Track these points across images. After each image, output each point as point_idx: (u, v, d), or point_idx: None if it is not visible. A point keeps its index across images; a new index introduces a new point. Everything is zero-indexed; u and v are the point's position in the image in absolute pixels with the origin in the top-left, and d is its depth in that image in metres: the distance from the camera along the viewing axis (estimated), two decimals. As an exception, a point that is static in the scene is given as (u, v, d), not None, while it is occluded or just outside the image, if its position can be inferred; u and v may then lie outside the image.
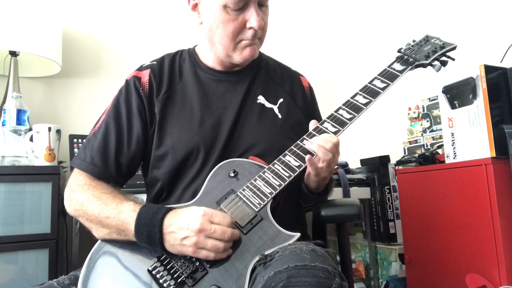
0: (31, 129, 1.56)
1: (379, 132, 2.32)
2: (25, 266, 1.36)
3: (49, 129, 1.54)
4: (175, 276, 0.76)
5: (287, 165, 0.88)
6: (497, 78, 1.35)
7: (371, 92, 0.98)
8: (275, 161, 0.90)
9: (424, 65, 1.05)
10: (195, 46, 1.11)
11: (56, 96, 1.96)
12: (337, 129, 0.92)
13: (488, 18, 1.73)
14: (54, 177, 1.42)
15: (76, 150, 1.73)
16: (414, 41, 1.12)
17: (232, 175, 0.90)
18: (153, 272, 0.77)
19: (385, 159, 1.94)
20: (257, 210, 0.82)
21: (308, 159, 0.85)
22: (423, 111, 1.94)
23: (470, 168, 1.35)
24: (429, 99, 1.91)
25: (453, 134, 1.45)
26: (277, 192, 0.84)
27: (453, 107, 1.45)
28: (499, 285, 1.23)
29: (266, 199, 0.83)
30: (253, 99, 1.03)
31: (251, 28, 0.94)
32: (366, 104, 0.96)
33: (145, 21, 2.19)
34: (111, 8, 2.13)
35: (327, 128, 0.93)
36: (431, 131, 1.90)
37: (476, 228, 1.32)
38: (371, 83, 1.00)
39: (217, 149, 0.95)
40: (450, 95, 1.46)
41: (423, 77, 1.82)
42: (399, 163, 1.82)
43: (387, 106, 2.17)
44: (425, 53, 1.05)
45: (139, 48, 2.15)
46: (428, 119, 1.91)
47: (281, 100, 1.06)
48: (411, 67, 1.03)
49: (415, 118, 2.00)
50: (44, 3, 1.95)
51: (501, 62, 1.51)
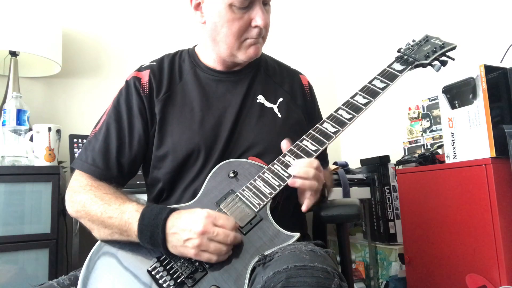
0: (31, 129, 1.56)
1: (379, 132, 2.32)
2: (25, 266, 1.36)
3: (49, 129, 1.54)
4: (174, 276, 0.76)
5: (287, 166, 0.87)
6: (497, 78, 1.35)
7: (370, 92, 0.97)
8: (275, 161, 0.90)
9: (424, 65, 1.05)
10: (195, 46, 1.10)
11: (56, 96, 1.96)
12: (337, 129, 0.92)
13: (488, 18, 1.73)
14: (54, 177, 1.42)
15: (76, 150, 1.73)
16: (413, 41, 1.11)
17: (231, 175, 0.90)
18: (153, 272, 0.77)
19: (385, 159, 1.94)
20: (256, 210, 0.82)
21: (290, 182, 0.84)
22: (423, 111, 1.94)
23: (470, 168, 1.35)
24: (429, 99, 1.91)
25: (453, 134, 1.44)
26: (276, 192, 0.84)
27: (453, 107, 1.45)
28: (499, 285, 1.23)
29: (265, 200, 0.83)
30: (253, 98, 1.03)
31: (256, 26, 0.94)
32: (365, 104, 0.95)
33: (145, 21, 2.19)
34: (111, 8, 2.13)
35: (326, 128, 0.93)
36: (431, 131, 1.90)
37: (476, 228, 1.32)
38: (370, 83, 1.00)
39: (217, 150, 0.95)
40: (450, 95, 1.46)
41: (423, 77, 1.82)
42: (399, 163, 1.82)
43: (387, 106, 2.17)
44: (425, 53, 1.05)
45: (139, 48, 2.15)
46: (428, 119, 1.91)
47: (280, 99, 1.06)
48: (410, 67, 1.02)
49: (415, 118, 2.00)
50: (44, 3, 1.95)
51: (501, 62, 1.51)
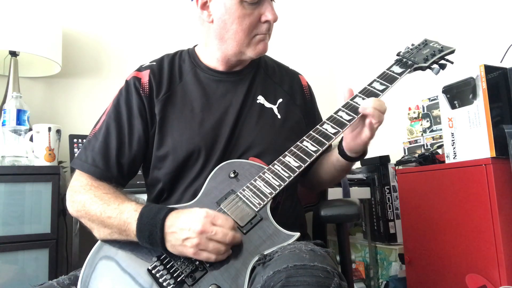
0: (31, 129, 1.56)
1: (379, 132, 2.31)
2: (25, 266, 1.36)
3: (49, 129, 1.53)
4: (174, 275, 0.76)
5: (287, 166, 0.88)
6: (497, 78, 1.36)
7: (370, 94, 0.97)
8: (275, 161, 0.90)
9: (423, 68, 1.05)
10: (195, 46, 1.10)
11: (56, 96, 1.96)
12: (337, 130, 0.92)
13: (488, 18, 1.73)
14: (54, 177, 1.42)
15: (76, 150, 1.73)
16: (413, 44, 1.11)
17: (232, 175, 0.90)
18: (153, 271, 0.77)
19: (385, 159, 1.94)
20: (257, 210, 0.82)
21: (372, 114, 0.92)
22: (423, 111, 1.94)
23: (470, 168, 1.35)
24: (429, 99, 1.91)
25: (453, 134, 1.45)
26: (277, 192, 0.84)
27: (453, 107, 1.45)
28: (499, 285, 1.23)
29: (266, 199, 0.83)
30: (253, 99, 1.03)
31: (266, 21, 0.96)
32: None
33: (145, 21, 2.19)
34: (111, 8, 2.13)
35: (326, 129, 0.93)
36: (431, 131, 1.90)
37: (476, 228, 1.32)
38: (370, 85, 0.99)
39: (217, 150, 0.95)
40: (450, 95, 1.46)
41: (423, 77, 1.82)
42: (399, 163, 1.82)
43: (387, 106, 2.16)
44: (424, 56, 1.05)
45: (139, 48, 2.15)
46: (428, 119, 1.91)
47: (280, 100, 1.06)
48: (410, 69, 1.02)
49: (415, 118, 2.00)
50: (44, 3, 1.96)
51: (501, 62, 1.51)
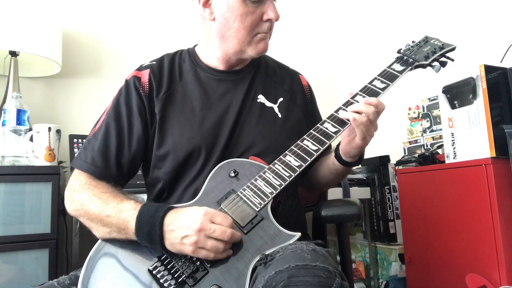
0: (31, 129, 1.56)
1: (379, 132, 2.30)
2: (25, 266, 1.36)
3: (49, 129, 1.53)
4: (175, 275, 0.76)
5: (288, 165, 0.87)
6: (497, 78, 1.35)
7: (370, 92, 0.97)
8: (276, 161, 0.90)
9: (423, 66, 1.04)
10: (195, 46, 1.10)
11: (56, 96, 1.96)
12: (337, 129, 0.92)
13: (488, 18, 1.73)
14: (54, 177, 1.42)
15: (76, 150, 1.73)
16: (413, 42, 1.11)
17: (232, 175, 0.90)
18: (154, 272, 0.77)
19: (385, 159, 1.94)
20: (257, 210, 0.82)
21: (352, 119, 0.87)
22: (423, 111, 1.94)
23: (470, 168, 1.35)
24: (429, 99, 1.91)
25: (453, 134, 1.44)
26: (277, 192, 0.84)
27: (453, 107, 1.45)
28: (499, 285, 1.23)
29: (266, 199, 0.83)
30: (253, 98, 1.03)
31: (268, 20, 0.97)
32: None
33: (145, 21, 2.19)
34: (111, 8, 2.13)
35: (327, 128, 0.92)
36: (431, 131, 1.89)
37: (476, 228, 1.32)
38: (371, 83, 0.99)
39: (218, 149, 0.95)
40: (450, 95, 1.46)
41: (423, 77, 1.82)
42: (399, 163, 1.82)
43: (387, 106, 2.15)
44: (425, 54, 1.05)
45: (139, 48, 2.15)
46: (428, 119, 1.91)
47: (281, 99, 1.06)
48: (410, 67, 1.02)
49: (415, 118, 1.99)
50: (44, 3, 1.96)
51: (501, 62, 1.51)
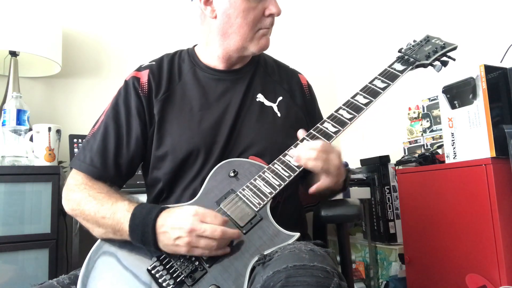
0: (31, 129, 1.55)
1: (379, 132, 2.32)
2: (25, 266, 1.36)
3: (49, 129, 1.53)
4: (174, 275, 0.76)
5: (287, 165, 0.88)
6: (497, 78, 1.35)
7: (371, 92, 0.97)
8: (275, 161, 0.90)
9: (424, 65, 1.04)
10: (195, 46, 1.10)
11: (56, 96, 1.96)
12: (337, 129, 0.92)
13: (488, 18, 1.73)
14: (54, 177, 1.41)
15: (76, 150, 1.73)
16: (414, 41, 1.11)
17: (232, 175, 0.90)
18: (153, 271, 0.77)
19: (385, 159, 1.93)
20: (256, 210, 0.82)
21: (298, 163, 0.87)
22: (423, 111, 1.94)
23: (470, 168, 1.35)
24: (429, 99, 1.91)
25: (453, 134, 1.44)
26: (277, 192, 0.84)
27: (453, 107, 1.44)
28: (499, 285, 1.23)
29: (266, 199, 0.83)
30: (252, 97, 1.03)
31: (270, 15, 0.97)
32: (366, 104, 0.95)
33: (145, 21, 2.19)
34: (111, 8, 2.12)
35: (327, 128, 0.92)
36: (431, 131, 1.89)
37: (476, 228, 1.32)
38: (371, 83, 0.99)
39: (217, 149, 0.94)
40: (450, 95, 1.46)
41: (423, 77, 1.82)
42: (399, 163, 1.82)
43: (387, 106, 2.17)
44: (426, 53, 1.05)
45: (139, 48, 2.15)
46: (428, 119, 1.91)
47: (280, 98, 1.06)
48: (411, 67, 1.02)
49: (415, 118, 1.99)
50: (44, 3, 1.95)
51: (501, 62, 1.51)
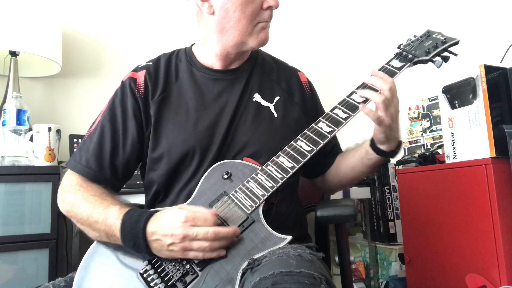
0: (31, 129, 1.56)
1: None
2: (25, 266, 1.37)
3: (49, 129, 1.54)
4: (165, 279, 0.76)
5: (280, 167, 0.86)
6: (497, 78, 1.34)
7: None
8: (269, 162, 0.89)
9: (424, 61, 1.00)
10: (192, 45, 1.09)
11: (56, 96, 1.96)
12: (332, 128, 0.90)
13: (488, 18, 1.71)
14: (54, 177, 1.42)
15: (75, 150, 1.74)
16: (415, 36, 1.07)
17: (225, 176, 0.89)
18: (144, 275, 0.77)
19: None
20: (249, 212, 0.82)
21: (361, 108, 0.87)
22: (423, 111, 1.93)
23: (470, 168, 1.34)
24: (429, 99, 1.90)
25: (453, 134, 1.43)
26: (269, 194, 0.83)
27: (453, 107, 1.43)
28: (499, 285, 1.22)
29: (258, 201, 0.82)
30: (249, 97, 1.01)
31: (268, 8, 0.96)
32: (362, 102, 0.91)
33: (144, 21, 2.19)
34: (111, 8, 2.13)
35: (321, 128, 0.90)
36: (431, 131, 1.88)
37: (476, 228, 1.31)
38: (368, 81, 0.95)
39: (212, 151, 0.94)
40: (450, 95, 1.45)
41: (423, 77, 1.81)
42: (399, 163, 1.81)
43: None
44: (426, 49, 1.00)
45: (139, 48, 2.15)
46: (428, 119, 1.90)
47: (277, 98, 1.04)
48: (409, 64, 0.98)
49: (415, 118, 1.98)
50: (44, 3, 1.96)
51: (501, 62, 1.50)
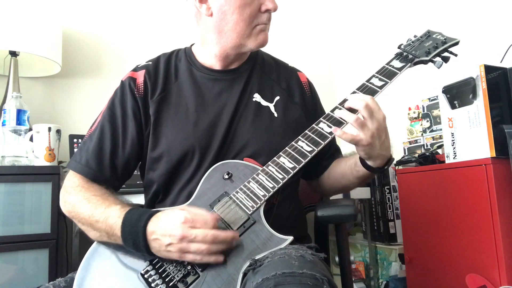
0: (31, 129, 1.56)
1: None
2: (25, 266, 1.36)
3: (49, 129, 1.54)
4: (166, 280, 0.76)
5: (281, 167, 0.86)
6: (497, 78, 1.34)
7: (368, 90, 0.93)
8: (269, 162, 0.88)
9: (424, 62, 1.01)
10: (192, 45, 1.09)
11: (56, 96, 1.96)
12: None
13: (488, 18, 1.71)
14: (54, 177, 1.42)
15: (76, 150, 1.73)
16: (415, 36, 1.07)
17: (226, 177, 0.89)
18: (145, 276, 0.77)
19: (385, 159, 1.92)
20: (250, 213, 0.81)
21: (336, 133, 0.85)
22: (423, 111, 1.92)
23: (470, 168, 1.34)
24: (429, 99, 1.89)
25: (453, 134, 1.43)
26: (270, 194, 0.83)
27: (453, 107, 1.43)
28: (499, 285, 1.22)
29: (259, 202, 0.82)
30: (249, 97, 1.01)
31: (266, 10, 0.95)
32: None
33: (144, 21, 2.19)
34: (111, 8, 2.12)
35: (322, 128, 0.90)
36: (431, 131, 1.88)
37: (476, 228, 1.31)
38: (368, 81, 0.95)
39: (212, 151, 0.94)
40: (450, 95, 1.45)
41: (423, 77, 1.81)
42: (399, 163, 1.81)
43: (387, 106, 2.15)
44: (426, 49, 1.01)
45: (139, 48, 2.15)
46: (428, 119, 1.90)
47: (277, 98, 1.04)
48: (410, 64, 0.99)
49: (415, 118, 1.98)
50: (44, 3, 1.96)
51: (501, 62, 1.50)
